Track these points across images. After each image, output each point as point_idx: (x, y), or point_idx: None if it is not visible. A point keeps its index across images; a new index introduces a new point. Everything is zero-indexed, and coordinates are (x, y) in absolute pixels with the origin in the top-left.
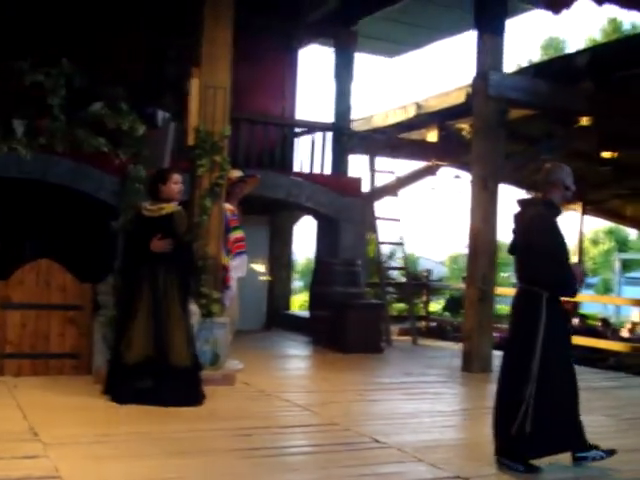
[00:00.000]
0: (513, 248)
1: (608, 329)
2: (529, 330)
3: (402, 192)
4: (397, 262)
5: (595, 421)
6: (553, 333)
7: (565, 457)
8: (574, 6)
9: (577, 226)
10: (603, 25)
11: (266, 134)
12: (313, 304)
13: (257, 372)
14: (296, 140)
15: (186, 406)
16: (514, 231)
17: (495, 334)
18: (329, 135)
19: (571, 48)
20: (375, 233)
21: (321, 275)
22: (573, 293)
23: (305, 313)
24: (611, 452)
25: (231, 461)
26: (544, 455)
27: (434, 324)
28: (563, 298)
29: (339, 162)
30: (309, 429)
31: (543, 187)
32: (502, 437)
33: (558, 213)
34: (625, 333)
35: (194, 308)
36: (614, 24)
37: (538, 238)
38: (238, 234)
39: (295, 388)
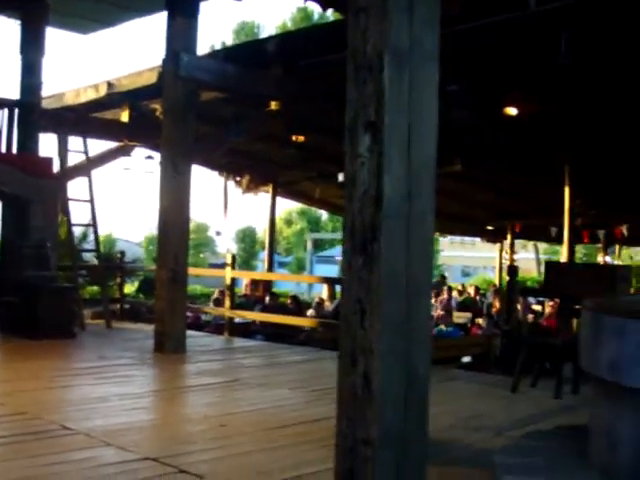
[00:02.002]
0: None
1: (298, 306)
2: None
3: (95, 172)
4: (90, 244)
5: (279, 395)
6: None
7: None
8: None
9: (269, 207)
10: (294, 13)
11: None
12: (0, 289)
13: None
14: None
15: None
16: None
17: (188, 314)
18: (16, 112)
19: (265, 34)
20: (67, 214)
21: (8, 258)
22: None
23: None
24: None
25: None
26: None
27: (128, 306)
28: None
29: (28, 141)
30: None
31: None
32: None
33: None
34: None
35: None
36: (304, 13)
37: None
38: None
39: None
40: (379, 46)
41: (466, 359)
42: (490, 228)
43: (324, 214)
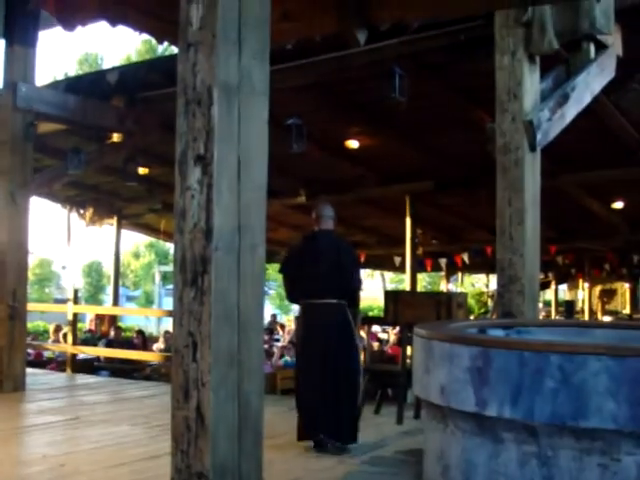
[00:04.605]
0: (299, 269)
1: (143, 340)
2: (347, 335)
3: None
4: None
5: (121, 431)
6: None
7: None
8: (95, 24)
9: (113, 240)
10: (138, 47)
11: None
12: None
13: None
14: None
15: None
16: (310, 257)
17: (29, 351)
18: None
19: (109, 65)
20: None
21: None
22: None
23: None
24: None
25: None
26: None
27: None
28: None
29: None
30: None
31: (322, 220)
32: (340, 423)
33: None
34: (161, 344)
35: None
36: (149, 45)
37: (353, 257)
38: None
39: None
40: (208, 80)
41: None
42: None
43: (172, 246)
